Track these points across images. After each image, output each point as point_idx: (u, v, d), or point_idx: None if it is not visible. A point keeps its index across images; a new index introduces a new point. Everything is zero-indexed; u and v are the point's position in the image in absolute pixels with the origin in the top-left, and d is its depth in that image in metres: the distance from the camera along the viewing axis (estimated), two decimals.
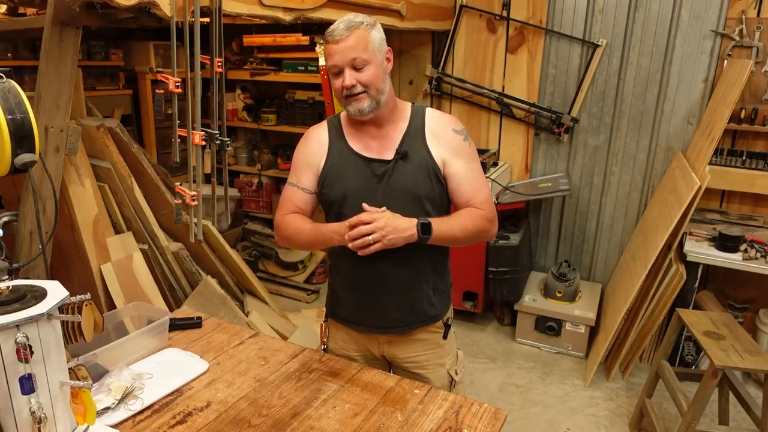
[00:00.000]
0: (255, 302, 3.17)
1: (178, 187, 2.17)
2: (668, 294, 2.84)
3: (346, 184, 1.50)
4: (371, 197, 1.46)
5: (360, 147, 1.52)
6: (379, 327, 1.59)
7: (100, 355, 1.38)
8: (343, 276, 1.60)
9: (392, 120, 1.52)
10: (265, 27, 3.85)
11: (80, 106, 2.60)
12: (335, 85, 1.44)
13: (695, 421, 2.15)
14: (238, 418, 1.29)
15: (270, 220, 4.56)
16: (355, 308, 1.60)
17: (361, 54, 1.39)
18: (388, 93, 1.47)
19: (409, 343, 1.61)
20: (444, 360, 1.65)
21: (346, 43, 1.39)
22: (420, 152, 1.49)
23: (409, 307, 1.56)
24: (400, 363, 1.64)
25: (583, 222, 3.62)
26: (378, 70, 1.43)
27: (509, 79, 3.55)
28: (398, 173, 1.48)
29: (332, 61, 1.41)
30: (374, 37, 1.42)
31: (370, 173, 1.49)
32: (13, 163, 1.31)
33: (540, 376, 3.09)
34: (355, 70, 1.40)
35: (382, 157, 1.49)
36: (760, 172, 2.96)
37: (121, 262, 2.53)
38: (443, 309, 1.64)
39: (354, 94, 1.42)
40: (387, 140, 1.51)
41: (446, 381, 1.66)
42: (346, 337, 1.66)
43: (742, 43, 2.96)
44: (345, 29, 1.39)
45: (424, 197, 1.49)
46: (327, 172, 1.52)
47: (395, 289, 1.54)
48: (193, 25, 1.90)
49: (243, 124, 4.46)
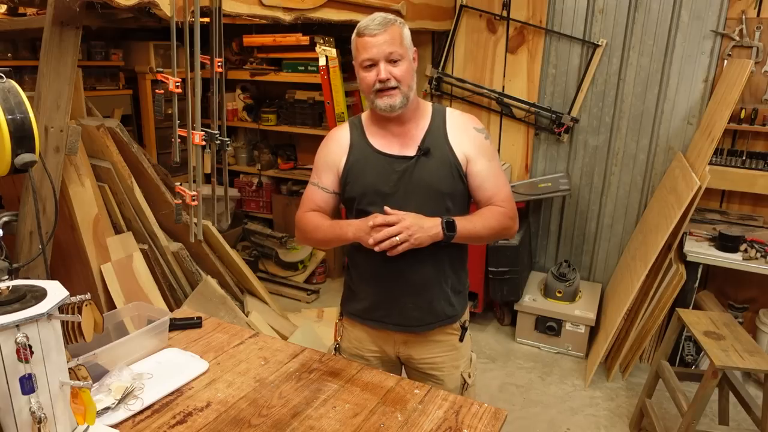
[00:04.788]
0: (255, 302, 3.17)
1: (178, 187, 2.17)
2: (668, 294, 2.84)
3: (367, 181, 1.51)
4: (392, 193, 1.48)
5: (381, 144, 1.53)
6: (397, 325, 1.59)
7: (100, 355, 1.38)
8: (362, 273, 1.60)
9: (414, 118, 1.54)
10: (265, 27, 3.85)
11: (80, 106, 2.60)
12: (367, 79, 1.45)
13: (695, 421, 2.15)
14: (238, 418, 1.29)
15: (270, 219, 4.56)
16: (373, 306, 1.60)
17: (397, 48, 1.42)
18: (414, 92, 1.49)
19: (426, 343, 1.62)
20: (459, 362, 1.66)
21: (383, 37, 1.41)
22: (442, 149, 1.50)
23: (428, 306, 1.57)
24: (415, 364, 1.64)
25: (583, 222, 3.62)
26: (409, 67, 1.46)
27: (509, 79, 3.55)
28: (420, 170, 1.49)
29: (367, 54, 1.42)
30: (406, 35, 1.46)
31: (391, 170, 1.50)
32: (13, 163, 1.31)
33: (540, 376, 3.09)
34: (390, 64, 1.42)
35: (403, 153, 1.51)
36: (760, 172, 2.96)
37: (121, 262, 2.53)
38: (461, 310, 1.64)
39: (387, 88, 1.43)
40: (409, 138, 1.52)
41: (459, 383, 1.66)
42: (362, 335, 1.66)
43: (742, 43, 2.96)
44: (381, 24, 1.41)
45: (445, 194, 1.50)
46: (349, 170, 1.53)
47: (414, 287, 1.54)
48: (193, 25, 1.90)
49: (243, 124, 4.46)
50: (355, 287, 1.65)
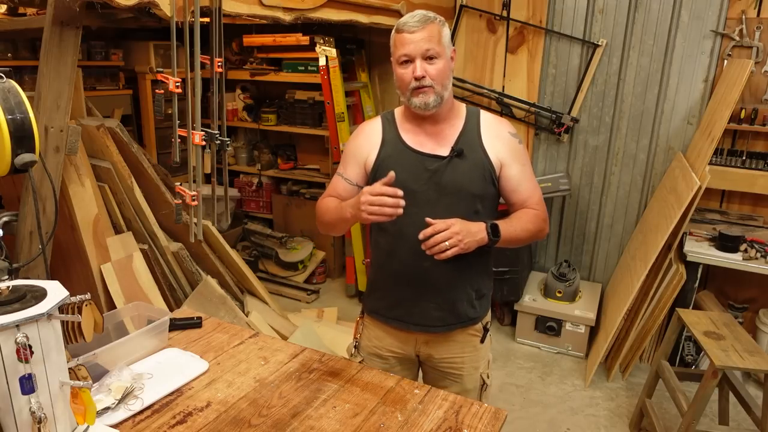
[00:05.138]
0: (255, 302, 3.17)
1: (178, 187, 2.17)
2: (668, 294, 2.84)
3: (398, 177, 1.49)
4: (422, 192, 1.48)
5: (415, 142, 1.52)
6: (418, 324, 1.59)
7: (100, 355, 1.38)
8: (386, 270, 1.60)
9: (449, 118, 1.54)
10: (265, 27, 3.84)
11: (80, 106, 2.60)
12: (402, 76, 1.45)
13: (695, 421, 2.15)
14: (238, 418, 1.29)
15: (270, 219, 4.57)
16: (395, 304, 1.60)
17: (435, 46, 1.41)
18: (449, 91, 1.49)
19: (447, 343, 1.62)
20: (479, 363, 1.66)
21: (421, 34, 1.40)
22: (476, 152, 1.51)
23: (451, 307, 1.57)
24: (434, 363, 1.64)
25: (583, 222, 3.62)
26: (446, 66, 1.45)
27: (509, 79, 3.55)
28: (452, 170, 1.49)
29: (404, 50, 1.42)
30: (445, 34, 1.46)
31: (423, 168, 1.49)
32: (13, 163, 1.31)
33: (540, 376, 3.09)
34: (426, 62, 1.42)
35: (436, 153, 1.50)
36: (760, 172, 2.96)
37: (121, 262, 2.53)
38: (483, 312, 1.64)
39: (422, 86, 1.43)
40: (442, 137, 1.52)
41: (478, 384, 1.67)
42: (382, 334, 1.65)
43: (742, 43, 2.96)
44: (420, 21, 1.41)
45: (476, 196, 1.51)
46: (379, 164, 1.53)
47: (437, 287, 1.54)
48: (193, 25, 1.91)
49: (243, 124, 4.46)
50: (378, 283, 1.65)
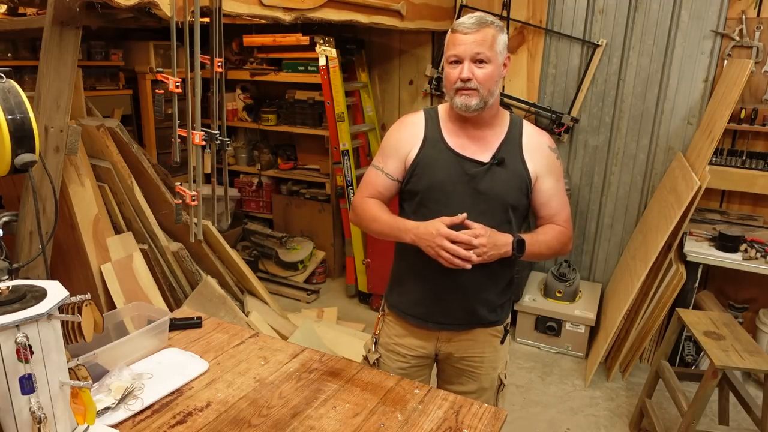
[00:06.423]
0: (255, 302, 3.17)
1: (178, 187, 2.17)
2: (668, 294, 2.83)
3: (436, 177, 1.50)
4: (458, 195, 1.48)
5: (456, 144, 1.52)
6: (438, 323, 1.59)
7: (100, 355, 1.38)
8: (411, 266, 1.59)
9: (492, 125, 1.53)
10: (265, 27, 3.85)
11: (80, 106, 2.60)
12: (450, 75, 1.45)
13: (695, 421, 2.15)
14: (238, 418, 1.29)
15: (270, 219, 4.56)
16: (417, 300, 1.60)
17: (486, 51, 1.41)
18: (495, 97, 1.48)
19: (468, 342, 1.62)
20: (497, 363, 1.66)
21: (474, 36, 1.41)
22: (516, 162, 1.51)
23: (472, 310, 1.57)
24: (453, 361, 1.65)
25: (583, 222, 3.62)
26: (495, 71, 1.44)
27: (509, 79, 3.55)
28: (491, 178, 1.48)
29: (455, 50, 1.43)
30: (500, 39, 1.45)
31: (462, 171, 1.49)
32: (13, 163, 1.31)
33: (540, 376, 3.09)
34: (475, 64, 1.42)
35: (477, 158, 1.50)
36: (760, 172, 2.96)
37: (121, 262, 2.53)
38: (504, 316, 1.65)
39: (467, 87, 1.42)
40: (484, 143, 1.52)
41: (496, 384, 1.67)
42: (402, 331, 1.66)
43: (742, 43, 2.96)
44: (476, 23, 1.41)
45: (510, 205, 1.51)
46: (418, 162, 1.52)
47: (462, 288, 1.54)
48: (193, 25, 1.91)
49: (243, 124, 4.46)
50: (402, 279, 1.65)
